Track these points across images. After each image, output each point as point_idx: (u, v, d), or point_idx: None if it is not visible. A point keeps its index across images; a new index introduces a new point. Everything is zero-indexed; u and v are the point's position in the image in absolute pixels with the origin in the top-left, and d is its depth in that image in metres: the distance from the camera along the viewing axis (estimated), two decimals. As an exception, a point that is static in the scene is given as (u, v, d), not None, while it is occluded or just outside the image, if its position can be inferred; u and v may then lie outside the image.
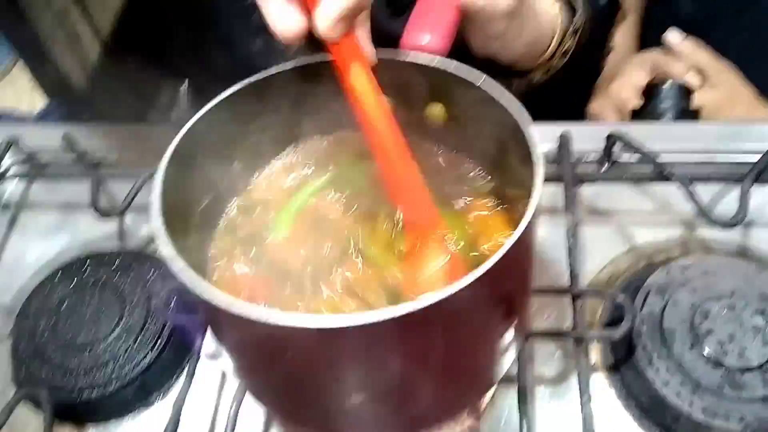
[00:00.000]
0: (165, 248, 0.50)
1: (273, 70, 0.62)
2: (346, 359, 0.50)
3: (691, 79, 0.95)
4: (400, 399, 0.57)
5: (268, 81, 0.62)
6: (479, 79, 0.58)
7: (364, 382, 0.53)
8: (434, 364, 0.54)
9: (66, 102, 1.09)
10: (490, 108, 0.57)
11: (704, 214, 0.72)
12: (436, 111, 0.64)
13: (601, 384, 0.71)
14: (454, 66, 0.59)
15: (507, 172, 0.61)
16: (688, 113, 0.87)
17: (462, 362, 0.57)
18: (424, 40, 0.62)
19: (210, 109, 0.60)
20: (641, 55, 1.04)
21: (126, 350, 0.74)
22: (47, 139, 0.94)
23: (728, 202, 0.78)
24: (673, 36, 0.99)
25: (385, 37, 0.62)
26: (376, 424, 0.60)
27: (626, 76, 1.00)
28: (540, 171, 0.51)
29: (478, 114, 0.59)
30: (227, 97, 0.61)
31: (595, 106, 1.04)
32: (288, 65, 0.62)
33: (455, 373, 0.58)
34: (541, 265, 0.79)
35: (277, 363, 0.55)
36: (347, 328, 0.44)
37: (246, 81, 0.61)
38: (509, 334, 0.58)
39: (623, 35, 1.15)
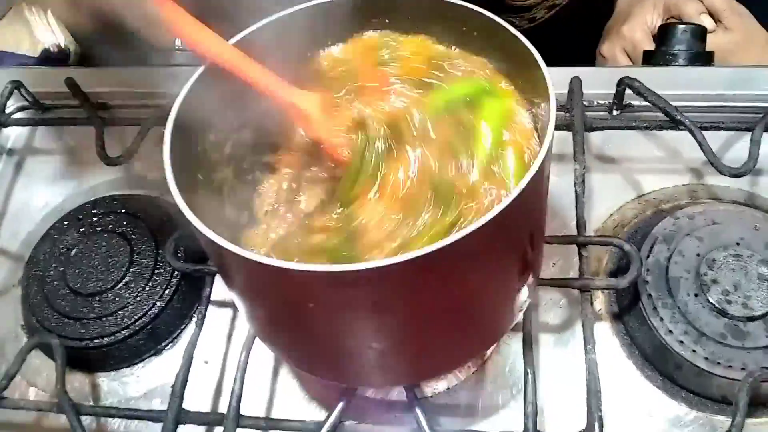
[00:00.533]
0: (178, 200, 0.49)
1: (295, 8, 0.60)
2: (358, 306, 0.50)
3: (705, 21, 0.93)
4: (410, 347, 0.57)
5: (277, 23, 0.60)
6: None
7: (376, 330, 0.53)
8: (445, 311, 0.54)
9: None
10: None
11: (713, 162, 0.71)
12: None
13: (605, 332, 0.71)
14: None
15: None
16: (701, 56, 0.84)
17: (474, 310, 0.56)
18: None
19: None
20: None
21: (135, 297, 0.75)
22: (50, 83, 0.93)
23: (738, 150, 0.78)
24: None
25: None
26: (385, 371, 0.61)
27: (639, 17, 0.98)
28: (553, 107, 0.51)
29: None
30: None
31: (606, 48, 1.02)
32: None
33: (466, 320, 0.57)
34: (548, 213, 0.78)
35: (288, 310, 0.55)
36: (359, 271, 0.44)
37: (257, 24, 0.60)
38: (523, 282, 0.58)
39: None
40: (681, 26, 0.86)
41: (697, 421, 0.67)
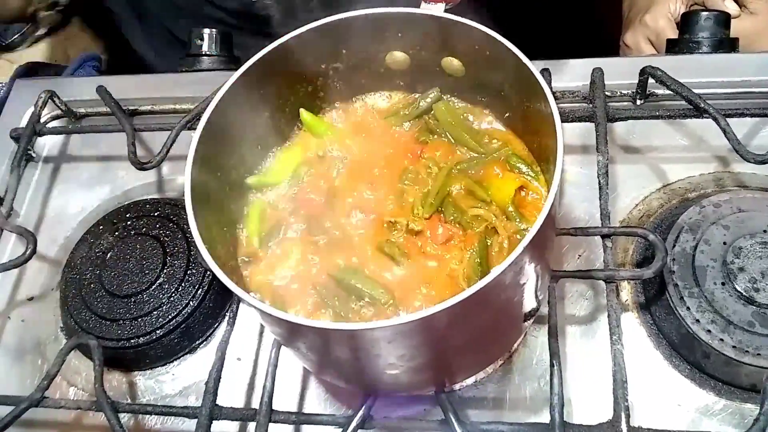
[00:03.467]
0: (203, 254, 0.52)
1: (316, 23, 0.62)
2: (390, 350, 0.53)
3: (730, 7, 0.92)
4: (434, 365, 0.60)
5: (311, 35, 0.62)
6: (490, 31, 0.58)
7: (404, 361, 0.56)
8: (468, 339, 0.57)
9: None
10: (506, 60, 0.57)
11: (737, 149, 0.70)
12: (454, 63, 0.64)
13: (632, 323, 0.72)
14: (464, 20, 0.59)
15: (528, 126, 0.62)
16: (725, 43, 0.84)
17: (490, 332, 0.60)
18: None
19: (242, 74, 0.61)
20: None
21: (169, 298, 0.77)
22: (83, 91, 0.95)
23: (763, 137, 0.77)
24: None
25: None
26: (409, 383, 0.64)
27: (662, 5, 0.97)
28: (560, 157, 0.52)
29: (492, 65, 0.60)
30: (264, 55, 0.61)
31: (629, 37, 1.01)
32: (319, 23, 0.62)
33: (485, 341, 0.61)
34: (572, 205, 0.79)
35: (314, 351, 0.59)
36: (388, 327, 0.47)
37: (287, 36, 0.62)
38: (537, 288, 0.60)
39: None
40: (704, 13, 0.85)
41: (726, 410, 0.67)
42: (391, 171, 0.66)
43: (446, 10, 0.62)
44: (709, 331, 0.66)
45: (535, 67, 0.56)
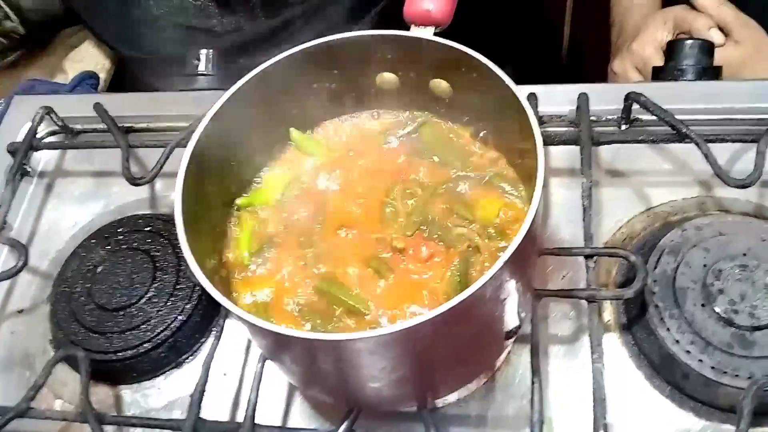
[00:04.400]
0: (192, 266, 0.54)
1: (305, 45, 0.64)
2: (372, 362, 0.54)
3: (715, 36, 0.94)
4: (418, 382, 0.62)
5: (303, 55, 0.64)
6: (477, 54, 0.60)
7: (386, 373, 0.57)
8: (449, 353, 0.58)
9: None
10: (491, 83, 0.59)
11: (718, 174, 0.72)
12: (442, 85, 0.66)
13: (613, 343, 0.72)
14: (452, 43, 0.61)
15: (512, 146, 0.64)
16: (709, 71, 0.86)
17: (472, 347, 0.61)
18: (428, 7, 0.63)
19: (237, 91, 0.62)
20: (664, 12, 1.02)
21: (158, 312, 0.78)
22: (80, 108, 0.97)
23: (746, 162, 0.78)
24: None
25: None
26: (393, 398, 0.65)
27: (648, 33, 0.99)
28: (540, 174, 0.53)
29: (478, 87, 0.61)
30: (256, 74, 0.63)
31: (617, 64, 1.03)
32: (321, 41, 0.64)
33: (466, 357, 0.62)
34: (558, 227, 0.80)
35: (298, 363, 0.60)
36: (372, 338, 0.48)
37: (278, 57, 0.63)
38: (518, 306, 0.61)
39: None
40: (689, 41, 0.87)
41: (705, 431, 0.67)
42: (378, 189, 0.67)
43: (435, 33, 0.64)
44: (688, 351, 0.67)
45: (521, 90, 0.57)
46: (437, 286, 0.60)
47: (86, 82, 1.14)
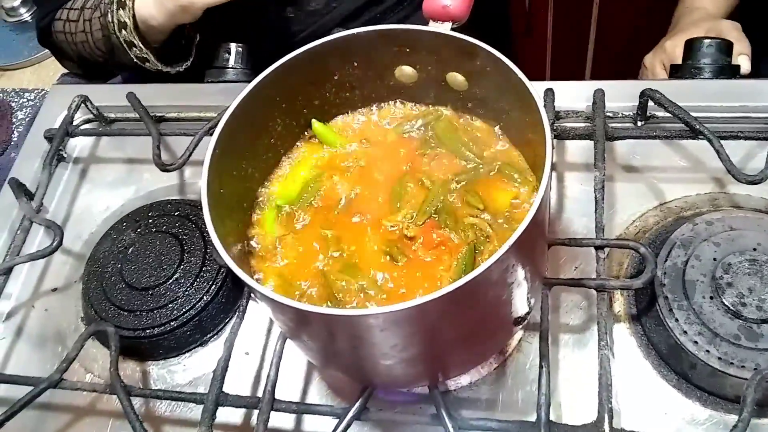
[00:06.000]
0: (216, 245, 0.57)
1: (326, 38, 0.67)
2: (384, 339, 0.57)
3: (743, 63, 0.94)
4: (428, 361, 0.64)
5: (324, 48, 0.67)
6: (491, 49, 0.62)
7: (397, 351, 0.59)
8: (458, 333, 0.60)
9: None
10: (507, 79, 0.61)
11: (729, 170, 0.73)
12: (458, 79, 0.68)
13: (623, 333, 0.74)
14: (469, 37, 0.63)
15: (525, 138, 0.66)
16: (726, 69, 0.87)
17: (480, 329, 0.63)
18: (446, 2, 0.65)
19: (260, 82, 0.65)
20: (714, 21, 1.03)
21: (185, 292, 0.81)
22: (114, 97, 1.01)
23: (761, 160, 0.79)
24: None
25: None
26: (407, 377, 0.68)
27: (683, 33, 1.00)
28: (548, 161, 0.55)
29: (493, 80, 0.64)
30: (280, 66, 0.66)
31: (648, 58, 1.04)
32: (339, 35, 0.67)
33: (475, 338, 0.64)
34: (572, 219, 0.82)
35: (315, 340, 0.63)
36: (384, 314, 0.51)
37: (302, 49, 0.66)
38: (527, 292, 0.63)
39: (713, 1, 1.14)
40: (707, 41, 0.88)
41: (711, 420, 0.69)
42: (394, 178, 0.70)
43: (453, 29, 0.66)
44: (696, 342, 0.69)
45: (535, 85, 0.59)
46: (445, 274, 0.63)
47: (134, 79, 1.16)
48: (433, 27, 0.66)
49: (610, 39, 1.64)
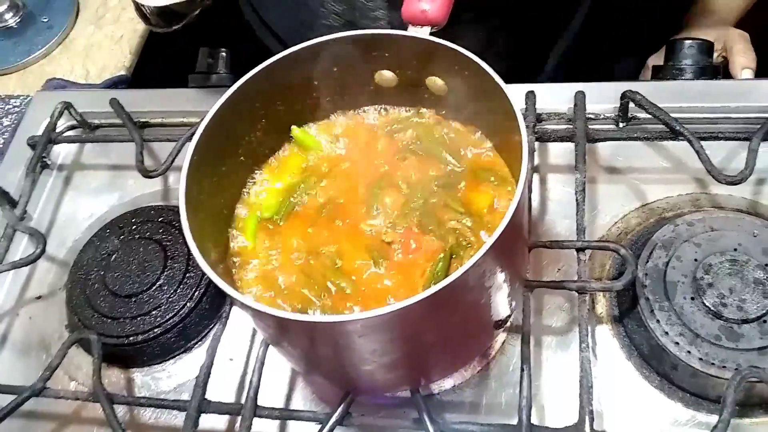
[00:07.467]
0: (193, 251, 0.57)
1: (307, 43, 0.67)
2: (363, 345, 0.57)
3: (746, 76, 0.94)
4: (408, 366, 0.64)
5: (303, 53, 0.67)
6: (469, 53, 0.62)
7: (377, 356, 0.59)
8: (438, 338, 0.61)
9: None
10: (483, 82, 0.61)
11: (709, 171, 0.74)
12: (437, 83, 0.68)
13: (605, 335, 0.75)
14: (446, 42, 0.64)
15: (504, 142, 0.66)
16: (707, 70, 0.87)
17: (460, 333, 0.63)
18: (424, 7, 0.66)
19: (243, 84, 0.65)
20: (724, 29, 1.03)
21: (168, 298, 0.81)
22: (97, 104, 1.00)
23: (741, 160, 0.80)
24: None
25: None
26: (386, 381, 0.68)
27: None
28: (525, 162, 0.55)
29: (472, 85, 0.64)
30: (261, 71, 0.66)
31: (653, 59, 1.05)
32: (318, 40, 0.67)
33: (455, 342, 0.64)
34: (554, 222, 0.82)
35: (296, 347, 0.63)
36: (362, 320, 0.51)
37: (281, 54, 0.66)
38: (507, 295, 0.63)
39: (729, 3, 1.14)
40: (688, 41, 0.88)
41: (693, 421, 0.69)
42: (373, 183, 0.70)
43: (432, 33, 0.67)
44: (677, 343, 0.69)
45: (517, 88, 0.60)
46: (420, 280, 0.63)
47: (119, 87, 1.16)
48: (412, 31, 0.67)
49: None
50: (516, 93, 0.78)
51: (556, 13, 1.08)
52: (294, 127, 0.73)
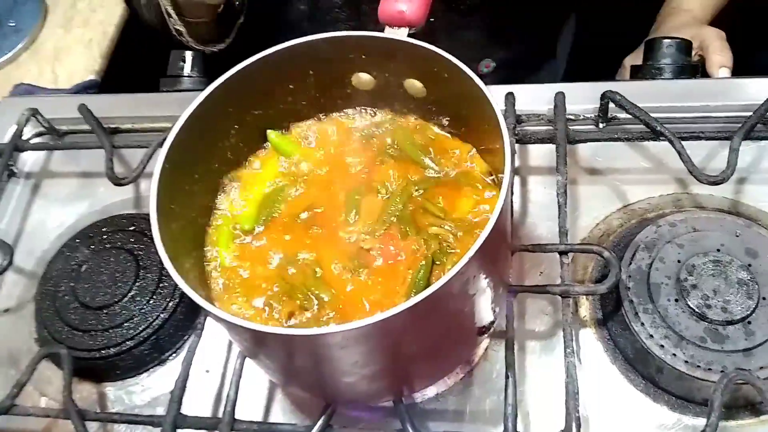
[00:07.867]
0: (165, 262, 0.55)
1: (281, 46, 0.64)
2: (343, 356, 0.55)
3: (724, 75, 0.94)
4: (390, 376, 0.63)
5: (277, 56, 0.64)
6: (448, 55, 0.60)
7: (358, 368, 0.58)
8: (420, 348, 0.59)
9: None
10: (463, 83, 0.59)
11: (691, 171, 0.73)
12: (416, 85, 0.67)
13: (589, 338, 0.73)
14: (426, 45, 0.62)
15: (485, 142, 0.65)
16: (686, 69, 0.86)
17: (443, 342, 0.62)
18: (402, 8, 0.64)
19: (216, 89, 0.63)
20: (699, 28, 1.02)
21: (141, 310, 0.79)
22: (65, 110, 0.98)
23: (722, 160, 0.79)
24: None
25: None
26: (369, 392, 0.66)
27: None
28: (508, 167, 0.54)
29: (451, 87, 0.62)
30: (234, 74, 0.64)
31: (629, 59, 1.04)
32: (295, 42, 0.65)
33: (438, 351, 0.63)
34: (536, 224, 0.81)
35: (273, 359, 0.61)
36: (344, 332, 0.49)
37: (254, 57, 0.64)
38: (491, 301, 0.62)
39: (701, 3, 1.13)
40: (666, 41, 0.88)
41: (679, 424, 0.68)
42: (352, 188, 0.68)
43: (410, 35, 0.65)
44: (662, 346, 0.68)
45: (497, 90, 0.58)
46: (401, 289, 0.61)
47: (89, 92, 1.14)
48: (390, 33, 0.65)
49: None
50: (496, 94, 0.77)
51: None
52: (270, 132, 0.71)
